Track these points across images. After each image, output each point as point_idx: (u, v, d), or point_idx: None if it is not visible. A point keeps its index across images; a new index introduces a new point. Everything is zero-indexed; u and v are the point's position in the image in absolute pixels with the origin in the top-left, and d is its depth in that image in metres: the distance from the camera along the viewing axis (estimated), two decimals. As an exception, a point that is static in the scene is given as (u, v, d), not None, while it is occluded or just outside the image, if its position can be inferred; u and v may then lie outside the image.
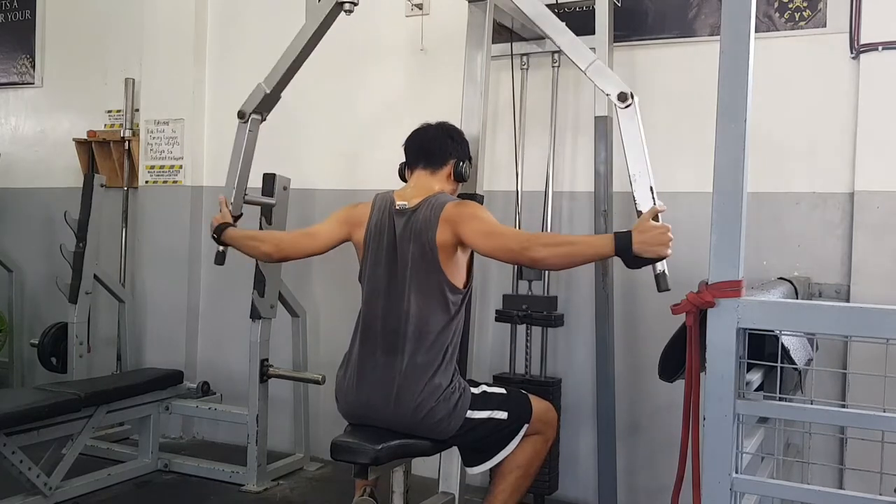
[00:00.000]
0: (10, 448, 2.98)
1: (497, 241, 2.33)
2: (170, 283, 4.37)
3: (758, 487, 1.74)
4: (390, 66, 3.94)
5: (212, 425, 4.29)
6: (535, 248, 2.24)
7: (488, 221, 2.39)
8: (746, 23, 1.64)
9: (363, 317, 2.50)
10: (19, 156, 5.07)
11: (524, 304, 3.25)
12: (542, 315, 3.22)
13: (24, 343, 4.71)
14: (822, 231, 3.10)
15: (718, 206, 1.67)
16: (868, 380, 2.41)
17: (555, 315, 3.24)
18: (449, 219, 2.38)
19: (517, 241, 2.31)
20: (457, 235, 2.37)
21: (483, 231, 2.35)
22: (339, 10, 2.94)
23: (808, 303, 2.24)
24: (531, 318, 3.23)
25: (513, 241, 2.32)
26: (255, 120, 3.16)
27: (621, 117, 2.38)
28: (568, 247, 2.27)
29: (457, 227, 2.36)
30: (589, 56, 2.47)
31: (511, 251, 2.31)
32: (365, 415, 2.42)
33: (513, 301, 3.29)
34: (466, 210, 2.41)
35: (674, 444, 1.82)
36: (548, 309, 3.24)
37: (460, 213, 2.39)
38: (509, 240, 2.34)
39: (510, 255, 2.36)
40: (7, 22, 5.11)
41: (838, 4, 3.06)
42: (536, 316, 3.22)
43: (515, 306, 3.26)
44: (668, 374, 2.05)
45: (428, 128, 2.62)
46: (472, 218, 2.38)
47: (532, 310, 3.23)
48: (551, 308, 3.25)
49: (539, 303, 3.26)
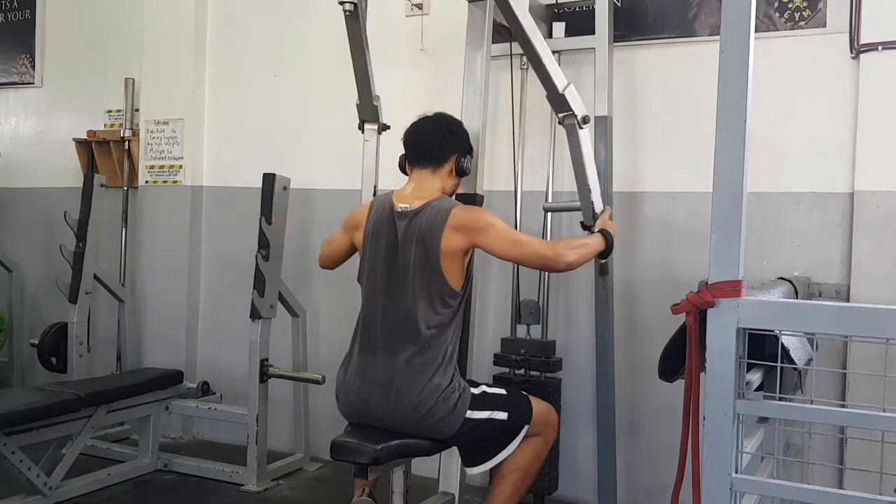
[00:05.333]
0: (10, 448, 2.98)
1: (525, 250, 2.43)
2: (170, 283, 4.37)
3: (758, 487, 1.74)
4: (390, 66, 3.92)
5: (212, 425, 4.29)
6: (566, 254, 2.42)
7: (505, 229, 2.46)
8: (746, 23, 1.64)
9: (363, 317, 2.51)
10: (19, 156, 5.07)
11: (522, 349, 3.27)
12: (540, 360, 3.25)
13: (24, 343, 4.71)
14: (822, 231, 3.10)
15: (718, 206, 1.67)
16: (868, 380, 2.41)
17: (553, 360, 3.26)
18: (459, 226, 2.38)
19: (549, 249, 2.47)
20: (472, 243, 2.40)
21: (508, 239, 2.42)
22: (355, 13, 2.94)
23: (808, 303, 2.24)
24: (529, 363, 3.26)
25: (545, 249, 2.47)
26: (369, 130, 3.25)
27: (580, 136, 2.73)
28: (585, 248, 2.51)
29: (473, 237, 2.39)
30: (564, 80, 2.68)
31: (545, 258, 2.44)
32: (365, 414, 2.43)
33: (511, 345, 3.32)
34: (479, 218, 2.43)
35: (674, 444, 1.82)
36: (546, 354, 3.26)
37: (474, 222, 2.40)
38: (539, 247, 2.46)
39: (545, 263, 2.49)
40: (7, 22, 5.11)
41: (838, 4, 3.06)
42: (534, 360, 3.25)
43: (513, 350, 3.29)
44: (668, 374, 2.05)
45: (427, 123, 2.59)
46: (489, 227, 2.40)
47: (530, 354, 3.26)
48: (549, 353, 3.27)
49: (537, 347, 3.28)
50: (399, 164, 2.68)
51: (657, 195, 3.40)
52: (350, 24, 2.96)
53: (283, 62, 4.21)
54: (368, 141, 3.24)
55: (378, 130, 3.24)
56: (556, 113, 2.76)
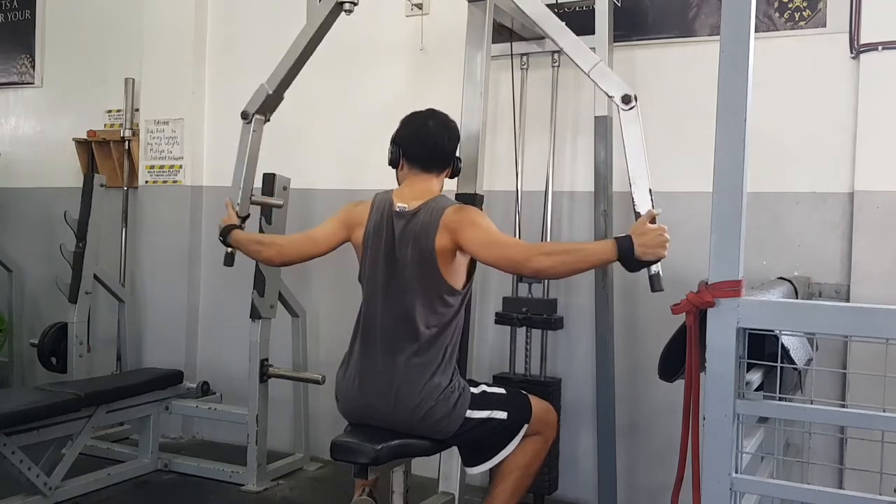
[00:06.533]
0: (10, 448, 2.98)
1: (497, 251, 2.31)
2: (170, 283, 4.37)
3: (758, 487, 1.74)
4: (390, 65, 3.94)
5: (212, 425, 4.30)
6: (537, 259, 2.25)
7: (488, 229, 2.36)
8: (746, 23, 1.64)
9: (362, 317, 2.50)
10: (19, 156, 5.07)
11: (524, 307, 3.25)
12: (541, 318, 3.22)
13: (24, 343, 4.71)
14: (822, 231, 3.10)
15: (718, 206, 1.66)
16: (868, 380, 2.41)
17: (554, 318, 3.24)
18: (448, 225, 2.37)
19: (519, 252, 2.30)
20: (455, 242, 2.36)
21: (483, 241, 2.33)
22: (339, 10, 2.94)
23: (808, 303, 2.24)
24: (531, 321, 3.24)
25: (515, 252, 2.30)
26: (258, 120, 3.18)
27: (623, 119, 2.39)
28: (571, 255, 2.27)
29: (456, 234, 2.36)
30: (592, 58, 2.48)
31: (513, 262, 2.31)
32: (365, 414, 2.43)
33: (512, 304, 3.29)
34: (466, 216, 2.40)
35: (674, 444, 1.82)
36: (547, 312, 3.24)
37: (459, 220, 2.38)
38: (511, 250, 2.32)
39: (512, 266, 2.37)
40: (7, 22, 5.12)
41: (838, 4, 3.06)
42: (536, 319, 3.23)
43: (515, 309, 3.26)
44: (668, 374, 2.05)
45: (429, 126, 2.55)
46: (471, 225, 2.36)
47: (532, 312, 3.23)
48: (551, 311, 3.25)
49: (539, 305, 3.26)
50: (390, 160, 2.60)
51: (657, 195, 3.34)
52: (329, 18, 2.97)
53: (283, 62, 4.21)
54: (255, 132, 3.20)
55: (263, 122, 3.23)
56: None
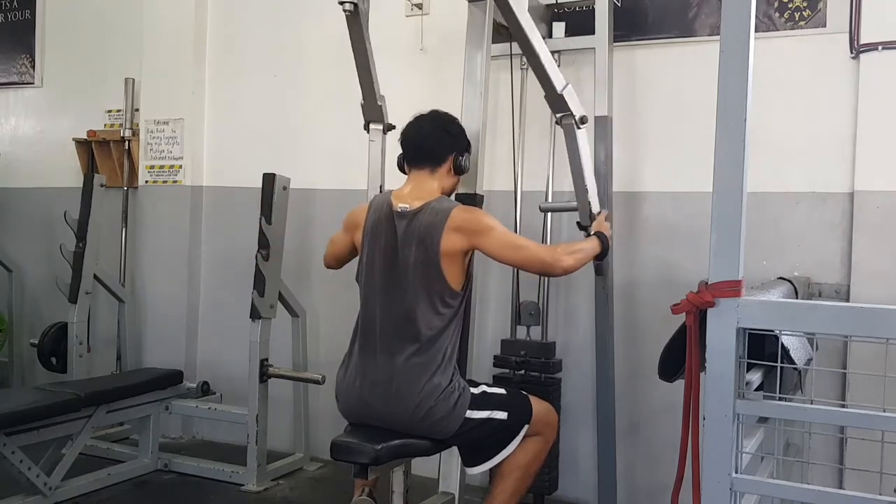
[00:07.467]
0: (10, 448, 2.98)
1: (525, 254, 2.45)
2: (170, 283, 4.37)
3: (758, 487, 1.74)
4: (390, 66, 3.92)
5: (212, 425, 4.30)
6: (564, 259, 2.46)
7: (506, 232, 2.47)
8: (746, 23, 1.64)
9: (362, 317, 2.51)
10: (19, 156, 5.07)
11: (522, 350, 3.28)
12: (539, 361, 3.25)
13: (24, 343, 4.71)
14: (822, 231, 3.10)
15: (718, 206, 1.67)
16: (868, 380, 2.41)
17: (553, 362, 3.26)
18: (459, 228, 2.38)
19: (548, 253, 2.48)
20: (472, 245, 2.41)
21: (509, 244, 2.44)
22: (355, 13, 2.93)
23: (808, 303, 2.24)
24: (529, 365, 3.26)
25: (545, 254, 2.48)
26: (374, 130, 3.24)
27: (578, 136, 2.75)
28: (581, 253, 2.55)
29: (473, 239, 2.40)
30: (562, 81, 2.69)
31: (545, 264, 2.46)
32: (365, 414, 2.43)
33: (511, 346, 3.32)
34: (480, 220, 2.43)
35: (674, 444, 1.82)
36: (546, 355, 3.26)
37: (474, 224, 2.41)
38: (541, 252, 2.48)
39: (543, 267, 2.51)
40: (7, 22, 5.12)
41: (838, 4, 3.06)
42: (534, 362, 3.25)
43: (513, 352, 3.29)
44: (668, 374, 2.05)
45: (423, 123, 2.59)
46: (490, 230, 2.41)
47: (530, 356, 3.26)
48: (549, 354, 3.27)
49: (537, 349, 3.28)
50: (398, 163, 2.68)
51: (657, 195, 3.40)
52: (351, 24, 2.96)
53: (283, 62, 4.21)
54: (374, 141, 3.23)
55: (383, 130, 3.23)
56: (554, 113, 2.76)
